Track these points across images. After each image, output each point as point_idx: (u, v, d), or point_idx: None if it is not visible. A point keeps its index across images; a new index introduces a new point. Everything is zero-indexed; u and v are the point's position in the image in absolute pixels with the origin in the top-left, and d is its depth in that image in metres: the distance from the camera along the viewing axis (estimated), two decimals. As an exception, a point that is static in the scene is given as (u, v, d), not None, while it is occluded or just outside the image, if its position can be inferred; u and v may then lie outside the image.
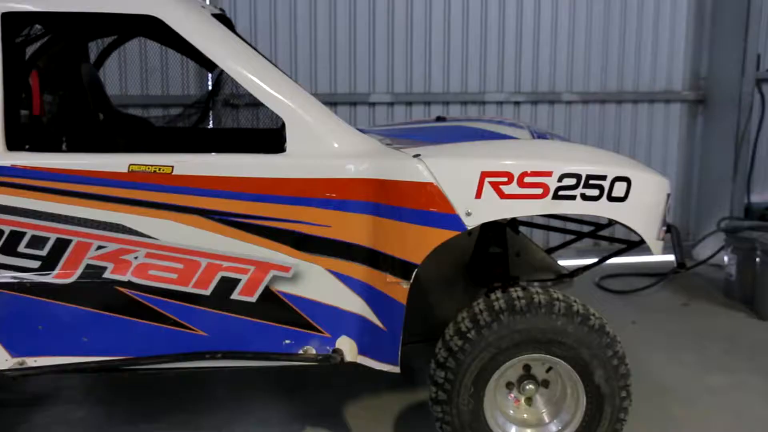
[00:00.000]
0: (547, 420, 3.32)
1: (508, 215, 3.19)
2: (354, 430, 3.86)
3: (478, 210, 3.10)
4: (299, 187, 3.14)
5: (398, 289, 3.15)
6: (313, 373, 4.38)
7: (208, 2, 5.76)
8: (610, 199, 3.15)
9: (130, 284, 3.18)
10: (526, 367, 3.28)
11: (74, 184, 3.13)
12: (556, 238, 6.43)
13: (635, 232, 3.27)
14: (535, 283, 4.07)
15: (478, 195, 3.09)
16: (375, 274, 3.18)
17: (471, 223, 3.11)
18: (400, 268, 3.13)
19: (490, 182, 3.08)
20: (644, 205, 3.24)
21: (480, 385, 3.15)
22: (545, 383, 3.30)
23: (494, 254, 3.70)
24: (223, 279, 3.18)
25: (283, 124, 3.22)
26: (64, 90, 3.77)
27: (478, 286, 3.87)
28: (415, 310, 3.42)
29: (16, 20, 3.23)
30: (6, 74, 3.15)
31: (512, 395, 3.31)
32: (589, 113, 6.92)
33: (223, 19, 3.72)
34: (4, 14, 3.13)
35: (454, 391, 3.15)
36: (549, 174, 3.10)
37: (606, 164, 3.19)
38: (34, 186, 3.12)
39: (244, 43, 3.35)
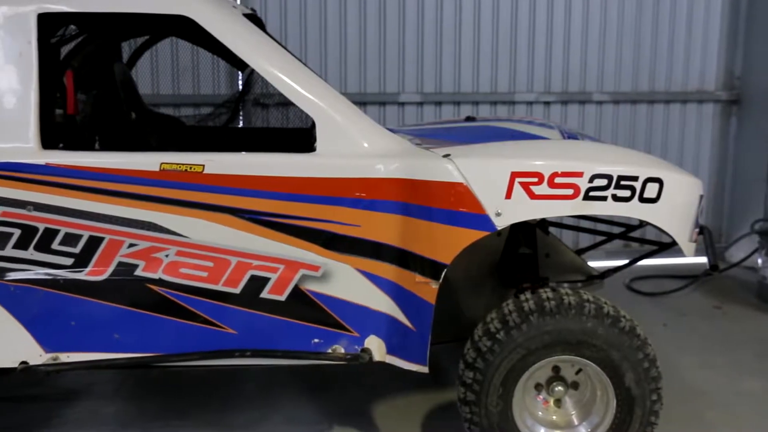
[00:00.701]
0: (576, 422, 3.29)
1: (538, 216, 3.17)
2: (382, 430, 3.86)
3: (508, 210, 3.09)
4: (329, 187, 3.15)
5: (427, 289, 3.14)
6: (341, 372, 4.39)
7: (239, 2, 5.79)
8: (642, 200, 3.12)
9: (160, 282, 3.21)
10: (556, 369, 3.26)
11: (107, 183, 3.16)
12: (585, 239, 6.39)
13: (667, 234, 3.24)
14: (565, 284, 4.04)
15: (508, 195, 3.08)
16: (404, 273, 3.18)
17: (501, 223, 3.10)
18: (429, 268, 3.13)
19: (520, 182, 3.07)
20: (677, 206, 3.20)
21: (509, 386, 3.14)
22: (575, 385, 3.28)
23: (524, 255, 3.68)
24: (253, 277, 3.20)
25: (313, 124, 3.23)
26: (97, 89, 3.82)
27: (507, 286, 3.86)
28: (443, 310, 3.41)
29: (52, 21, 3.28)
30: (42, 74, 3.20)
31: (541, 397, 3.29)
32: (620, 113, 6.85)
33: (254, 18, 3.74)
34: (41, 15, 3.18)
35: (483, 391, 3.14)
36: (580, 174, 3.08)
37: (638, 165, 3.16)
38: (67, 184, 3.16)
39: (275, 43, 3.36)
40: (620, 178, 3.09)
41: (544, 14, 6.58)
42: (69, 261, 3.20)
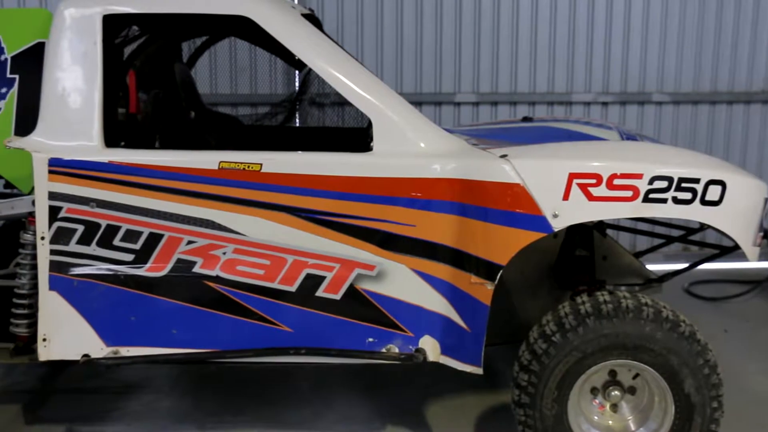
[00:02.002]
0: (633, 428, 3.24)
1: (595, 218, 3.13)
2: (434, 430, 3.86)
3: (566, 212, 3.06)
4: (385, 186, 3.16)
5: (482, 290, 3.13)
6: (395, 372, 4.39)
7: (296, 2, 5.84)
8: (704, 202, 3.06)
9: (218, 279, 3.26)
10: (612, 373, 3.21)
11: (167, 181, 3.22)
12: (643, 242, 6.28)
13: (730, 238, 3.17)
14: (623, 288, 3.99)
15: (566, 197, 3.05)
16: (459, 274, 3.17)
17: (558, 225, 3.07)
18: (484, 268, 3.11)
19: (578, 184, 3.04)
20: (740, 209, 3.13)
21: (564, 389, 3.10)
22: (632, 390, 3.22)
23: (580, 257, 3.64)
24: (309, 276, 3.23)
25: (370, 123, 3.25)
26: (158, 89, 3.89)
27: (563, 289, 3.82)
28: (498, 311, 3.39)
29: (116, 22, 3.36)
30: (106, 74, 3.27)
31: (597, 401, 3.24)
32: (680, 114, 6.71)
33: (312, 18, 3.77)
34: (106, 16, 3.26)
35: (538, 394, 3.11)
36: (639, 176, 3.03)
37: (699, 167, 3.10)
38: (129, 182, 3.23)
39: (333, 43, 3.39)
40: (681, 180, 3.04)
41: (602, 13, 6.48)
42: (129, 257, 3.27)
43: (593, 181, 3.04)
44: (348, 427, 3.88)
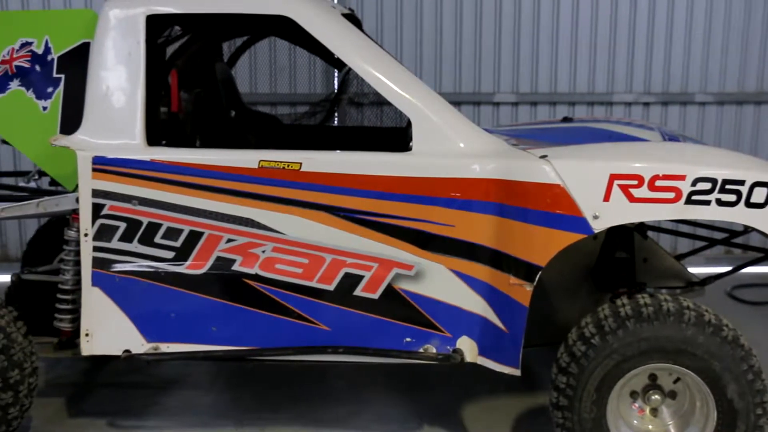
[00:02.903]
0: (673, 433, 3.20)
1: (636, 219, 3.10)
2: (471, 431, 3.84)
3: (606, 213, 3.03)
4: (424, 186, 3.16)
5: (521, 291, 3.11)
6: (431, 372, 4.38)
7: (336, 1, 5.86)
8: (749, 205, 3.01)
9: (257, 277, 3.28)
10: (652, 377, 3.16)
11: (207, 179, 3.26)
12: (684, 244, 6.19)
13: (775, 241, 3.11)
14: (663, 290, 3.93)
15: (607, 198, 3.02)
16: (498, 275, 3.16)
17: (598, 226, 3.04)
18: (523, 269, 3.10)
19: (619, 185, 3.01)
20: (786, 212, 3.07)
21: (603, 392, 3.07)
22: (672, 394, 3.18)
23: (621, 259, 3.60)
24: (347, 275, 3.24)
25: (409, 123, 3.25)
26: (199, 88, 3.92)
27: (602, 291, 3.78)
28: (536, 312, 3.37)
29: (159, 22, 3.40)
30: (148, 73, 3.32)
31: (636, 405, 3.20)
32: (724, 115, 6.60)
33: (352, 18, 3.78)
34: (149, 17, 3.30)
35: (576, 397, 3.08)
36: (682, 178, 2.99)
37: (744, 168, 3.04)
38: (170, 180, 3.27)
39: (373, 43, 3.39)
40: (725, 182, 2.99)
41: (645, 12, 6.40)
42: (170, 254, 3.31)
43: (634, 182, 3.01)
44: (384, 427, 3.88)
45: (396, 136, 4.18)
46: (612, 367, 3.04)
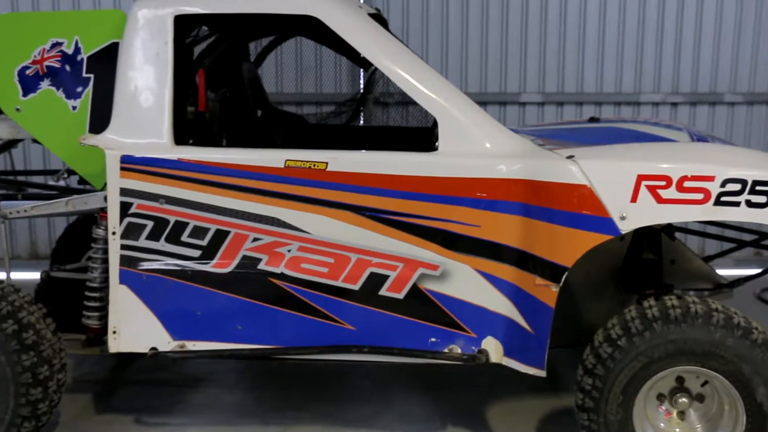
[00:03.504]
0: (700, 436, 3.17)
1: (664, 221, 3.08)
2: (495, 432, 3.84)
3: (633, 214, 3.00)
4: (450, 186, 3.15)
5: (547, 292, 3.09)
6: (455, 372, 4.37)
7: (362, 1, 5.87)
8: (779, 206, 2.97)
9: (282, 276, 3.29)
10: (680, 380, 3.13)
11: (234, 178, 3.27)
12: (712, 246, 6.12)
13: (806, 243, 3.07)
14: (691, 292, 3.89)
15: (634, 199, 3.00)
16: (523, 275, 3.15)
17: (625, 227, 3.02)
18: (549, 270, 3.08)
19: (646, 186, 2.98)
20: (818, 214, 3.02)
21: (629, 394, 3.05)
22: (700, 397, 3.15)
23: (648, 260, 3.57)
24: (372, 275, 3.24)
25: (435, 123, 3.24)
26: (226, 88, 3.95)
27: (629, 292, 3.75)
28: (561, 313, 3.35)
29: (187, 22, 3.42)
30: (176, 73, 3.34)
31: (663, 407, 3.17)
32: (754, 115, 6.52)
33: (378, 18, 3.78)
34: (177, 17, 3.32)
35: (602, 399, 3.06)
36: (711, 179, 2.96)
37: (775, 169, 3.01)
38: (197, 179, 3.29)
39: (399, 43, 3.39)
40: (756, 183, 2.95)
41: (673, 11, 6.35)
42: (196, 253, 3.33)
43: (662, 183, 2.99)
44: (407, 426, 3.88)
45: (422, 136, 4.17)
46: (639, 369, 3.01)
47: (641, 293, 3.53)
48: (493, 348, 3.25)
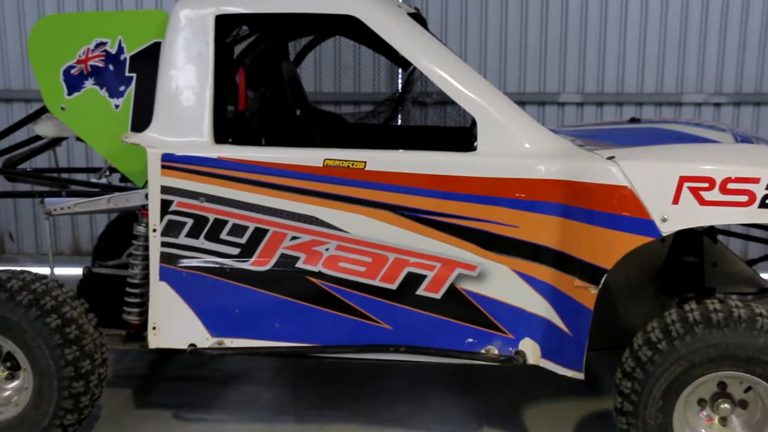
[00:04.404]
0: (743, 443, 3.11)
1: (706, 223, 3.04)
2: (532, 434, 3.82)
3: (675, 216, 2.97)
4: (488, 187, 3.14)
5: (586, 294, 3.07)
6: (491, 372, 4.35)
7: (401, 1, 5.87)
8: (827, 209, 2.91)
9: (320, 275, 3.30)
10: (722, 385, 3.08)
11: (272, 177, 3.29)
12: (756, 249, 6.01)
13: None
14: (734, 296, 3.83)
15: (676, 200, 2.96)
16: (562, 277, 3.12)
17: (666, 229, 2.98)
18: (588, 272, 3.05)
19: (689, 187, 2.94)
20: None
21: (670, 398, 3.01)
22: (743, 404, 3.09)
23: (689, 263, 3.53)
24: (410, 274, 3.24)
25: (474, 123, 3.23)
26: (265, 87, 3.98)
27: (669, 295, 3.71)
28: (600, 315, 3.32)
29: (228, 22, 3.45)
30: (217, 72, 3.37)
31: (704, 413, 3.12)
32: (800, 116, 6.40)
33: (417, 17, 3.78)
34: (218, 17, 3.35)
35: (641, 403, 3.03)
36: (756, 180, 2.91)
37: (823, 171, 2.94)
38: (236, 177, 3.32)
39: (439, 42, 3.39)
40: (802, 185, 2.89)
41: (717, 10, 6.23)
42: (235, 251, 3.36)
43: (705, 185, 2.94)
44: (443, 426, 3.87)
45: (460, 136, 4.16)
46: (679, 373, 2.97)
47: (682, 296, 3.49)
48: (530, 349, 3.23)
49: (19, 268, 3.51)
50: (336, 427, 3.86)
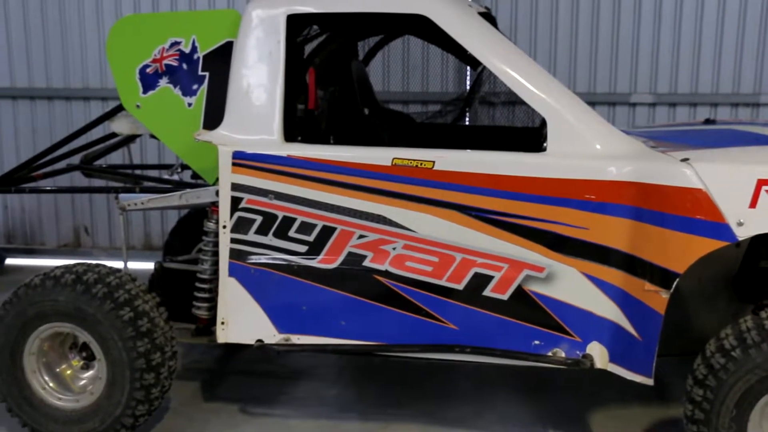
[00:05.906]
0: (822, 458, 3.00)
1: (785, 228, 2.94)
2: (598, 440, 3.76)
3: (752, 220, 2.88)
4: (558, 188, 3.10)
5: (657, 298, 3.01)
6: (557, 375, 4.30)
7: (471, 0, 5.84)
8: None
9: (387, 274, 3.31)
10: (800, 396, 2.99)
11: (341, 175, 3.31)
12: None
13: None
14: (813, 305, 3.70)
15: (753, 204, 2.87)
16: (632, 280, 3.07)
17: (742, 234, 2.90)
18: (659, 276, 2.99)
19: (767, 191, 2.85)
20: None
21: (744, 408, 2.92)
22: (819, 415, 2.99)
23: (765, 269, 3.42)
24: (477, 275, 3.22)
25: (543, 123, 3.20)
26: (335, 86, 4.00)
27: (744, 302, 3.60)
28: (671, 320, 3.25)
29: (298, 21, 3.49)
30: (287, 71, 3.41)
31: (781, 424, 3.03)
32: None
33: (488, 17, 3.75)
34: (289, 16, 3.39)
35: (713, 411, 2.95)
36: (840, 185, 2.81)
37: None
38: (305, 175, 3.35)
39: (509, 42, 3.36)
40: None
41: (801, 6, 6.03)
42: (303, 248, 3.39)
43: None
44: (508, 428, 3.84)
45: (528, 136, 4.12)
46: (755, 382, 2.88)
47: (758, 303, 3.39)
48: (598, 353, 3.18)
49: (94, 262, 3.61)
50: (399, 426, 3.86)
